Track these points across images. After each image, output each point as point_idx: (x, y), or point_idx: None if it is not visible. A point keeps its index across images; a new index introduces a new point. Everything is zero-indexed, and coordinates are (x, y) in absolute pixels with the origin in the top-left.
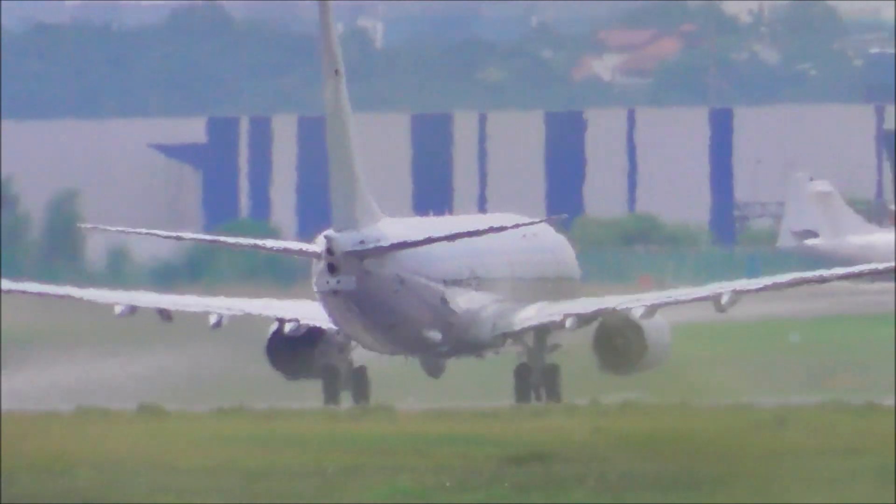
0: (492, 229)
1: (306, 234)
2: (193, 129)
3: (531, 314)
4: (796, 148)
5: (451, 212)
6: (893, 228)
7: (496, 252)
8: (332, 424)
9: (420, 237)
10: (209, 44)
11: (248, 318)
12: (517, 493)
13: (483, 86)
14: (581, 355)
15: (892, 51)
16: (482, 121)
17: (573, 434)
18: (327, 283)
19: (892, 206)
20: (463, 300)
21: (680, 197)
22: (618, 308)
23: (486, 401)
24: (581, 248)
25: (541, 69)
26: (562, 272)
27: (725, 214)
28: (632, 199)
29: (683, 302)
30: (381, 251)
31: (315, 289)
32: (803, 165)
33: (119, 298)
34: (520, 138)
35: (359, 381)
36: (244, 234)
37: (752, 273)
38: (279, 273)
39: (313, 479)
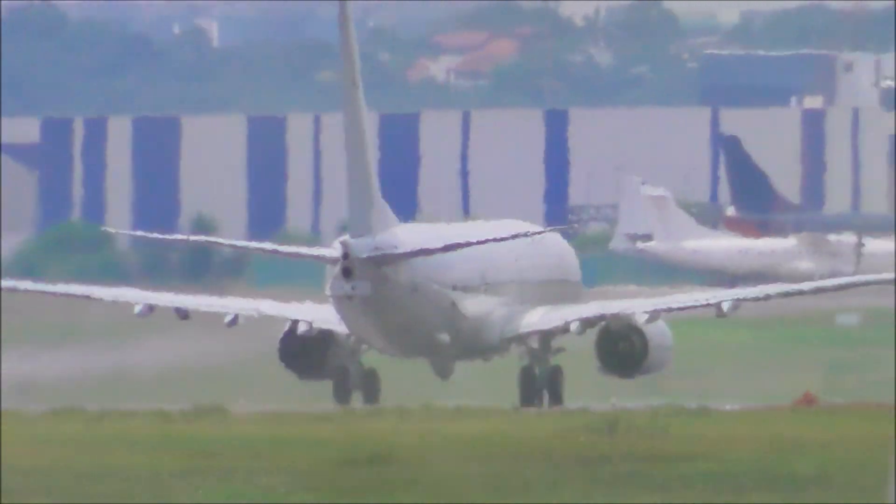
0: (505, 237)
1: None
2: (27, 130)
3: (536, 318)
4: (631, 151)
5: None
6: (726, 232)
7: (504, 256)
8: (165, 426)
9: (434, 244)
10: (44, 44)
11: (263, 318)
12: (350, 495)
13: (318, 87)
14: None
15: (727, 53)
16: (317, 122)
17: (405, 437)
18: (342, 287)
19: (727, 210)
20: (472, 304)
21: (514, 199)
22: (621, 313)
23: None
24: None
25: (377, 71)
26: (565, 275)
27: (560, 217)
28: (466, 202)
29: (686, 308)
30: (396, 258)
31: (329, 293)
32: (637, 168)
33: (137, 297)
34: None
35: (370, 383)
36: (77, 236)
37: (586, 277)
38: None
39: (145, 481)
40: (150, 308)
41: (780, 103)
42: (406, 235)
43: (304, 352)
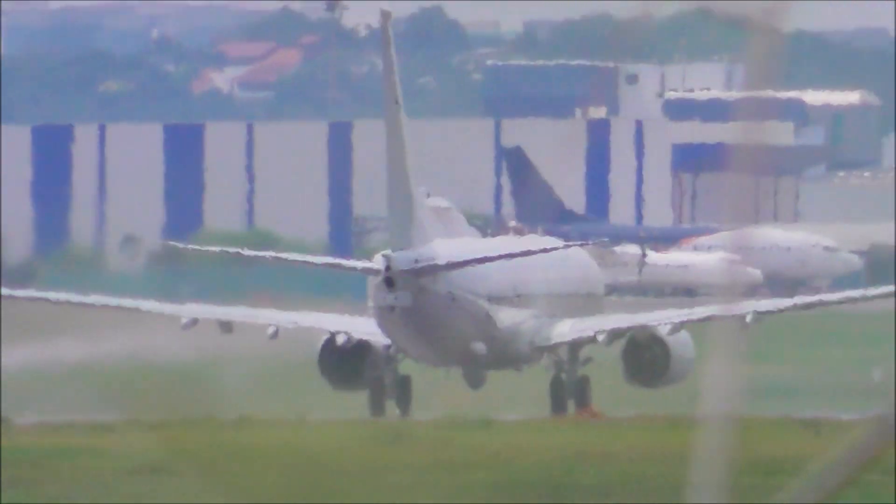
0: (535, 251)
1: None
2: None
3: (566, 329)
4: (416, 162)
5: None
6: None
7: (535, 270)
8: None
9: (469, 257)
10: None
11: (301, 330)
12: None
13: (103, 98)
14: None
15: (510, 63)
16: (102, 132)
17: (188, 446)
18: (385, 298)
19: (511, 222)
20: (505, 316)
21: (299, 211)
22: (647, 324)
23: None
24: (199, 263)
25: (161, 81)
26: (590, 288)
27: (343, 228)
28: (250, 214)
29: (708, 319)
30: (435, 269)
31: (372, 303)
32: (421, 180)
33: (181, 311)
34: (139, 151)
35: (403, 392)
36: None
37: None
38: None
39: None
40: (195, 321)
41: (564, 114)
42: (443, 249)
43: (341, 362)
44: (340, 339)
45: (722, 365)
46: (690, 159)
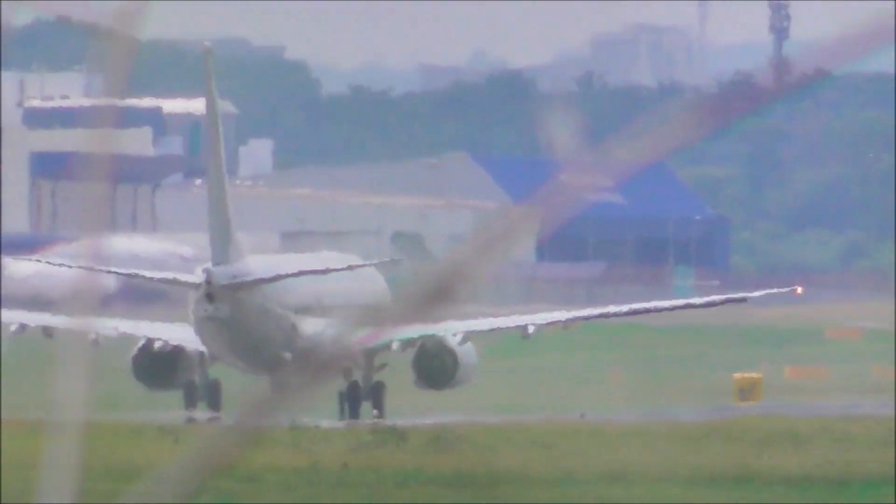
0: (342, 268)
1: None
2: None
3: (363, 337)
4: None
5: None
6: None
7: (334, 283)
8: None
9: (281, 272)
10: None
11: (123, 337)
12: None
13: None
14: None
15: None
16: None
17: None
18: (205, 310)
19: None
20: (308, 325)
21: None
22: (436, 334)
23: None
24: None
25: None
26: (378, 299)
27: None
28: None
29: (496, 330)
30: (250, 284)
31: (192, 315)
32: None
33: (11, 318)
34: None
35: (213, 394)
36: None
37: None
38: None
39: None
40: (23, 327)
41: None
42: (256, 265)
43: (155, 366)
44: (157, 345)
45: (70, 375)
46: (50, 167)
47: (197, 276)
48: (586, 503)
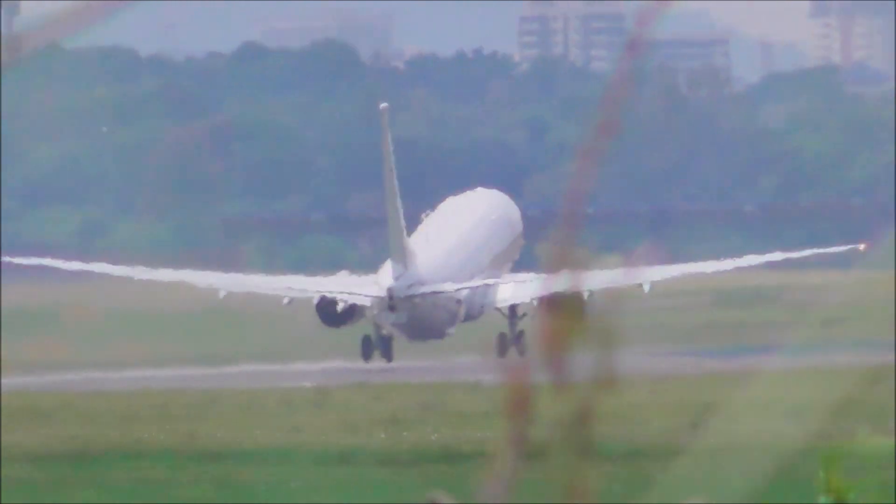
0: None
1: None
2: None
3: (508, 294)
4: None
5: None
6: None
7: (482, 238)
8: None
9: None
10: None
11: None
12: None
13: None
14: None
15: None
16: None
17: None
18: (387, 317)
19: None
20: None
21: None
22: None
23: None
24: None
25: None
26: (515, 231)
27: None
28: None
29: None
30: (423, 296)
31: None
32: None
33: (218, 282)
34: None
35: (386, 347)
36: None
37: None
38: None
39: None
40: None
41: None
42: (425, 266)
43: (335, 311)
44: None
45: None
46: None
47: (380, 289)
48: None
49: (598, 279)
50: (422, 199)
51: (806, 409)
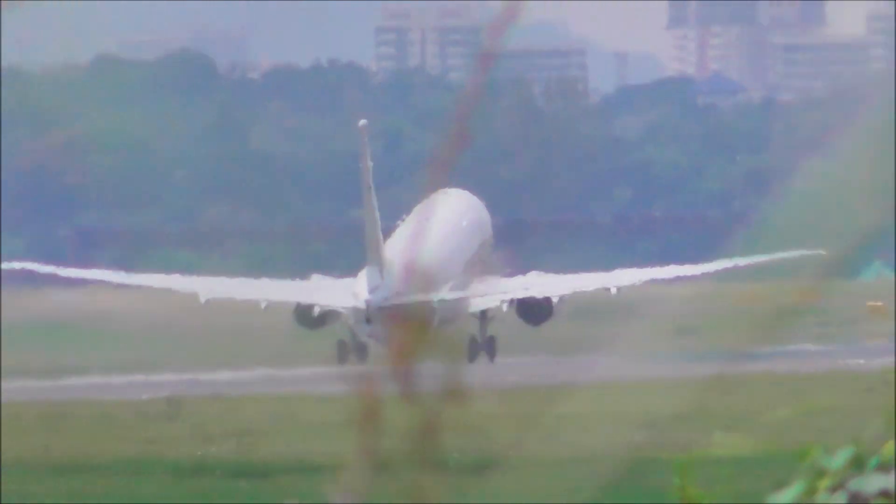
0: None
1: None
2: None
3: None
4: None
5: None
6: None
7: (456, 240)
8: None
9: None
10: None
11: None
12: None
13: None
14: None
15: None
16: None
17: None
18: (365, 329)
19: None
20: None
21: None
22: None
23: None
24: None
25: None
26: (485, 230)
27: None
28: None
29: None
30: (400, 307)
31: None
32: None
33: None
34: None
35: (361, 351)
36: None
37: None
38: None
39: None
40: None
41: None
42: (398, 277)
43: (311, 315)
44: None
45: None
46: None
47: (357, 301)
48: None
49: (564, 284)
50: (277, 211)
51: (658, 418)
